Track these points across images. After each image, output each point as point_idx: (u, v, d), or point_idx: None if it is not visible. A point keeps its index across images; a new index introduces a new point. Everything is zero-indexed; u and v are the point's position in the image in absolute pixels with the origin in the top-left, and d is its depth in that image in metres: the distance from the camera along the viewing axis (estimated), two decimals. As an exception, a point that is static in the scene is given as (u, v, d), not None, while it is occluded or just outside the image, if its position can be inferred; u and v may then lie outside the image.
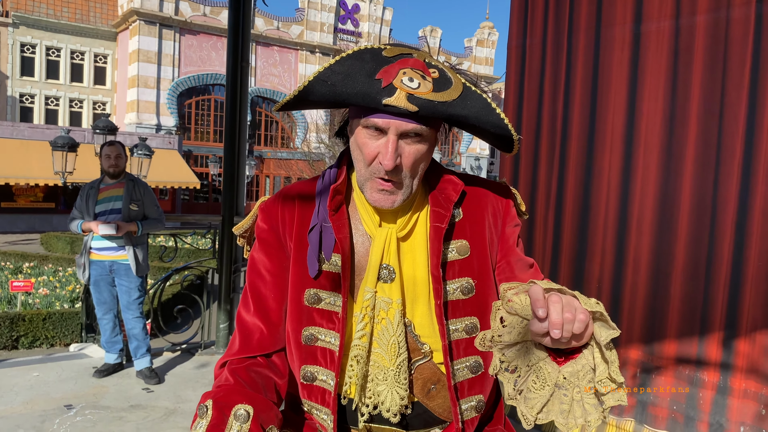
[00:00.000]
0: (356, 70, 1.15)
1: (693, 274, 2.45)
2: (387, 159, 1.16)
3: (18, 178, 23.53)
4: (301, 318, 1.31)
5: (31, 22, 31.61)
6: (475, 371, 1.30)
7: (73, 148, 15.06)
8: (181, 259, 12.22)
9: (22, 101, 32.12)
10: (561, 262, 2.82)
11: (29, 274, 12.35)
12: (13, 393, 4.25)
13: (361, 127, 1.20)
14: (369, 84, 1.13)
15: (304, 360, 1.31)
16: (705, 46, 2.44)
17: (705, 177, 2.43)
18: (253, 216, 1.43)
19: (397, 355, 1.25)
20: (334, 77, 1.15)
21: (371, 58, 1.17)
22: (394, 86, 1.12)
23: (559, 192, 2.84)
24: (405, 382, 1.25)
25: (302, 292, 1.30)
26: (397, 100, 1.11)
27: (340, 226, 1.27)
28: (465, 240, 1.30)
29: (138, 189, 4.77)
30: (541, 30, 2.96)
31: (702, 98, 2.44)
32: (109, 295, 4.77)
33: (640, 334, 2.59)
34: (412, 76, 1.14)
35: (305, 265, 1.30)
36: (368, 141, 1.19)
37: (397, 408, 1.25)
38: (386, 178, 1.20)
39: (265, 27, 34.54)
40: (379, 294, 1.26)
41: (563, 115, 2.85)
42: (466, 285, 1.29)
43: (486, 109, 1.18)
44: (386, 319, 1.26)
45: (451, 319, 1.28)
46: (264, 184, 35.38)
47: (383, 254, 1.26)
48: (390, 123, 1.16)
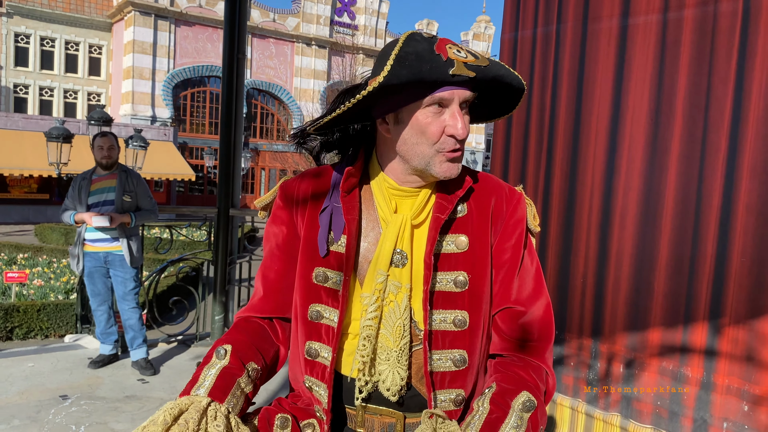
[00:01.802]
0: (420, 49, 1.22)
1: (676, 269, 2.45)
2: (461, 128, 1.25)
3: (12, 169, 23.43)
4: (309, 295, 1.38)
5: (26, 11, 31.39)
6: (458, 365, 1.33)
7: (67, 139, 15.01)
8: (177, 251, 12.24)
9: (16, 92, 31.94)
10: (548, 258, 2.84)
11: (23, 265, 12.34)
12: (8, 383, 4.28)
13: (422, 108, 1.26)
14: (435, 59, 1.21)
15: (309, 336, 1.39)
16: (692, 40, 2.43)
17: (689, 172, 2.42)
18: (274, 192, 1.50)
19: (401, 337, 1.31)
20: (409, 57, 1.20)
21: (422, 39, 1.24)
22: (451, 59, 1.21)
23: (546, 186, 2.84)
24: (406, 364, 1.31)
25: (311, 271, 1.38)
26: (459, 68, 1.20)
27: (349, 207, 1.35)
28: (466, 235, 1.35)
29: (131, 180, 4.77)
30: (531, 23, 2.96)
31: (688, 92, 2.43)
32: (103, 286, 4.79)
33: (624, 330, 2.60)
34: (458, 48, 1.24)
35: (316, 245, 1.37)
36: (431, 120, 1.26)
37: (397, 387, 1.31)
38: (457, 147, 1.28)
39: (261, 19, 34.40)
40: (390, 278, 1.32)
41: (551, 108, 2.85)
42: (461, 278, 1.33)
43: (506, 68, 1.30)
44: (394, 302, 1.32)
45: (441, 309, 1.33)
46: (259, 176, 35.32)
47: (398, 239, 1.32)
48: (455, 93, 1.24)
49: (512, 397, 1.24)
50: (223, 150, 5.51)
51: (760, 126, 2.27)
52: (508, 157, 3.03)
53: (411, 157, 1.31)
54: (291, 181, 1.48)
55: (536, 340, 1.35)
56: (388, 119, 1.32)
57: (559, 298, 2.79)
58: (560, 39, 2.82)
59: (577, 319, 2.76)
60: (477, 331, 1.35)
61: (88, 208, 4.67)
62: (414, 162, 1.31)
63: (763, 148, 2.27)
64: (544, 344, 1.36)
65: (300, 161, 29.07)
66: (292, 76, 36.16)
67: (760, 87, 2.27)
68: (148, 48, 31.26)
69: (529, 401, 1.23)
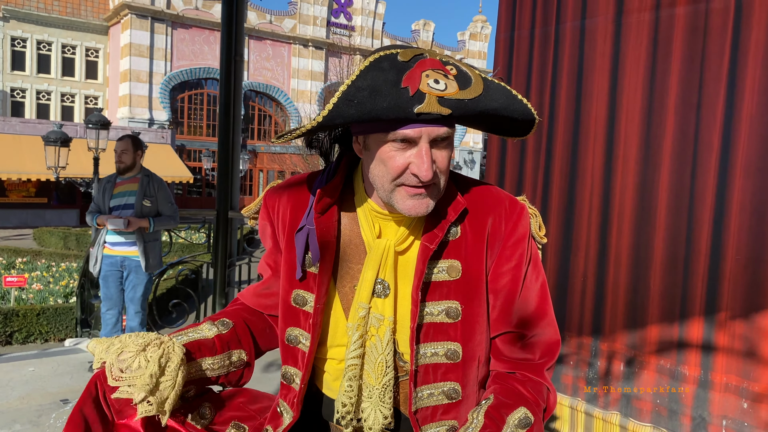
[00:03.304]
0: (380, 82, 1.07)
1: (672, 267, 2.44)
2: (425, 170, 1.10)
3: (10, 173, 23.41)
4: (288, 318, 1.33)
5: (22, 15, 31.36)
6: (452, 397, 1.26)
7: (65, 142, 15.01)
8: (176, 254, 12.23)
9: (13, 96, 31.91)
10: (548, 259, 2.84)
11: (22, 270, 12.34)
12: (8, 388, 4.28)
13: (384, 141, 1.13)
14: (397, 94, 1.06)
15: (286, 360, 1.34)
16: (684, 37, 2.42)
17: (683, 170, 2.41)
18: (258, 202, 1.44)
19: (383, 375, 1.23)
20: (359, 94, 1.06)
21: (390, 65, 1.09)
22: (422, 92, 1.06)
23: (545, 186, 2.84)
24: (389, 402, 1.23)
25: (290, 293, 1.31)
26: (429, 105, 1.05)
27: (324, 231, 1.25)
28: (458, 261, 1.24)
29: (152, 185, 4.80)
30: (529, 22, 2.96)
31: (680, 90, 2.42)
32: (116, 291, 4.83)
33: (623, 329, 2.59)
34: (436, 77, 1.08)
35: (294, 266, 1.30)
36: (395, 154, 1.12)
37: (379, 427, 1.24)
38: (419, 185, 1.14)
39: (258, 21, 34.40)
40: (372, 309, 1.24)
41: (550, 108, 2.84)
42: (453, 308, 1.23)
43: (510, 97, 1.15)
44: (376, 336, 1.23)
45: (432, 341, 1.24)
46: (257, 178, 35.33)
47: (379, 268, 1.23)
48: (422, 131, 1.10)
49: (508, 412, 1.18)
50: (221, 152, 5.50)
51: (753, 124, 2.26)
52: (504, 158, 3.03)
53: (376, 187, 1.19)
54: (273, 191, 1.40)
55: (537, 360, 1.27)
56: (360, 141, 1.21)
57: (559, 298, 2.79)
58: (559, 38, 2.82)
59: (577, 318, 2.76)
60: (471, 362, 1.27)
61: (110, 211, 4.73)
62: (379, 193, 1.20)
63: (756, 145, 2.26)
64: (546, 363, 1.28)
65: (298, 163, 29.07)
66: (290, 78, 36.18)
67: (753, 84, 2.26)
68: (145, 51, 31.25)
69: (525, 418, 1.18)
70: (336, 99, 1.07)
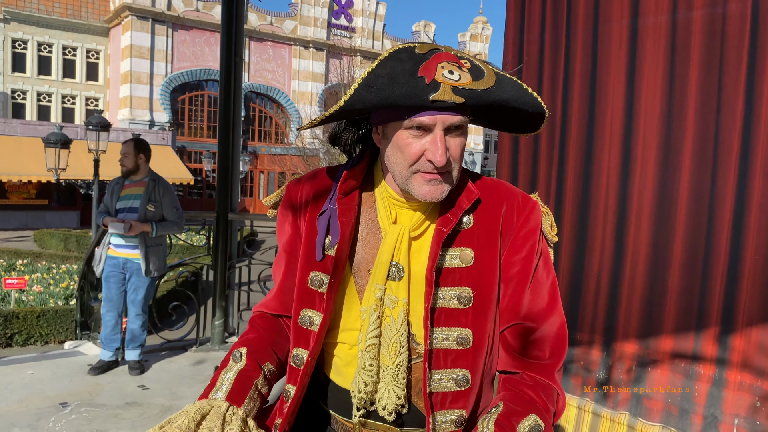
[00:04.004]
0: (398, 71, 1.14)
1: (690, 268, 2.46)
2: (439, 156, 1.16)
3: (10, 175, 23.41)
4: (303, 299, 1.35)
5: (23, 17, 31.38)
6: (461, 385, 1.27)
7: (65, 144, 15.03)
8: (176, 256, 12.21)
9: (14, 97, 31.92)
10: (561, 258, 2.83)
11: (23, 272, 12.31)
12: (7, 391, 4.24)
13: (401, 129, 1.19)
14: (413, 82, 1.13)
15: (297, 342, 1.36)
16: (702, 41, 2.44)
17: (702, 172, 2.43)
18: (281, 192, 1.47)
19: (397, 354, 1.26)
20: (379, 81, 1.14)
21: (408, 57, 1.16)
22: (438, 81, 1.13)
23: (559, 188, 2.85)
24: (403, 382, 1.26)
25: (308, 274, 1.34)
26: (444, 94, 1.12)
27: (345, 210, 1.30)
28: (471, 249, 1.28)
29: (158, 190, 4.78)
30: (538, 26, 2.96)
31: (699, 94, 2.44)
32: (116, 292, 4.81)
33: (637, 328, 2.60)
34: (451, 68, 1.15)
35: (314, 248, 1.34)
36: (412, 141, 1.19)
37: (393, 407, 1.26)
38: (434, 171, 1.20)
39: (258, 22, 34.43)
40: (387, 291, 1.28)
41: (562, 111, 2.85)
42: (465, 294, 1.27)
43: (521, 90, 1.20)
44: (390, 317, 1.27)
45: (443, 326, 1.27)
46: (258, 179, 35.32)
47: (394, 252, 1.27)
48: (436, 119, 1.16)
49: (519, 420, 1.19)
50: (221, 154, 5.49)
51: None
52: (517, 160, 3.02)
53: (394, 174, 1.26)
54: (296, 182, 1.45)
55: (547, 359, 1.28)
56: (379, 130, 1.27)
57: (571, 298, 2.79)
58: (570, 43, 2.82)
59: (589, 318, 2.75)
60: (481, 349, 1.29)
61: (116, 213, 4.73)
62: (396, 180, 1.26)
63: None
64: (555, 363, 1.29)
65: (299, 164, 29.08)
66: (290, 79, 36.21)
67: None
68: (146, 52, 31.28)
69: (536, 425, 1.18)
70: (356, 85, 1.14)
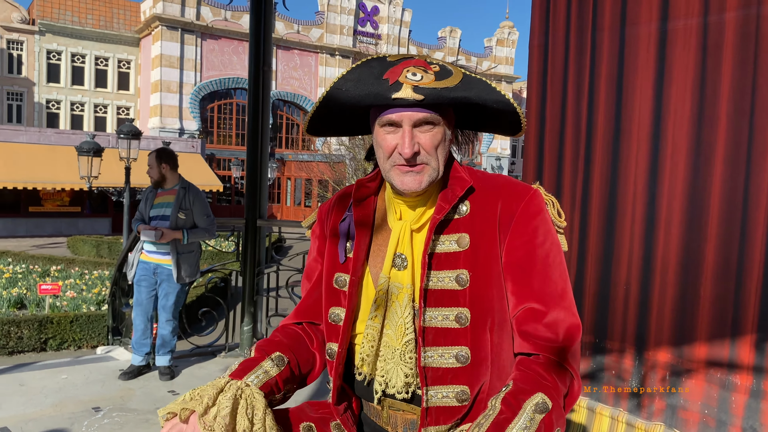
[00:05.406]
0: (366, 75, 1.29)
1: (724, 275, 2.40)
2: (404, 147, 1.29)
3: (45, 183, 23.94)
4: (331, 299, 1.47)
5: (57, 29, 32.15)
6: (462, 361, 1.34)
7: (98, 152, 15.31)
8: (205, 262, 12.34)
9: (48, 107, 32.69)
10: (587, 265, 2.79)
11: (56, 277, 12.55)
12: (42, 395, 4.32)
13: (378, 127, 1.34)
14: (378, 84, 1.27)
15: (330, 337, 1.47)
16: (734, 43, 2.38)
17: (735, 177, 2.37)
18: (315, 216, 1.62)
19: (403, 335, 1.36)
20: (347, 84, 1.30)
21: (378, 64, 1.32)
22: (400, 82, 1.26)
23: (585, 194, 2.81)
24: (410, 362, 1.35)
25: (332, 276, 1.47)
26: (404, 92, 1.25)
27: (360, 215, 1.44)
28: (467, 233, 1.36)
29: (188, 197, 4.85)
30: (563, 28, 2.93)
31: (732, 97, 2.38)
32: (146, 297, 4.89)
33: (669, 337, 2.54)
34: (415, 71, 1.28)
35: (337, 252, 1.47)
36: (386, 137, 1.33)
37: (401, 384, 1.35)
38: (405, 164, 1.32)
39: (285, 31, 34.76)
40: (392, 280, 1.39)
41: (588, 115, 2.81)
42: (462, 276, 1.35)
43: (487, 89, 1.30)
44: (396, 303, 1.38)
45: (442, 306, 1.35)
46: (285, 186, 35.57)
47: (398, 244, 1.40)
48: (402, 115, 1.29)
49: (526, 398, 1.23)
50: (250, 161, 5.53)
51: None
52: (542, 166, 2.99)
53: (382, 171, 1.39)
54: (324, 204, 1.61)
55: (561, 342, 1.31)
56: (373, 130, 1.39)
57: (600, 306, 2.75)
58: (596, 45, 2.78)
59: (619, 327, 2.70)
60: (481, 328, 1.35)
61: (150, 221, 4.83)
62: (384, 176, 1.39)
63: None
64: (568, 345, 1.32)
65: (325, 170, 29.18)
66: (317, 87, 36.45)
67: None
68: (176, 62, 31.76)
69: (543, 403, 1.22)
70: (329, 87, 1.32)
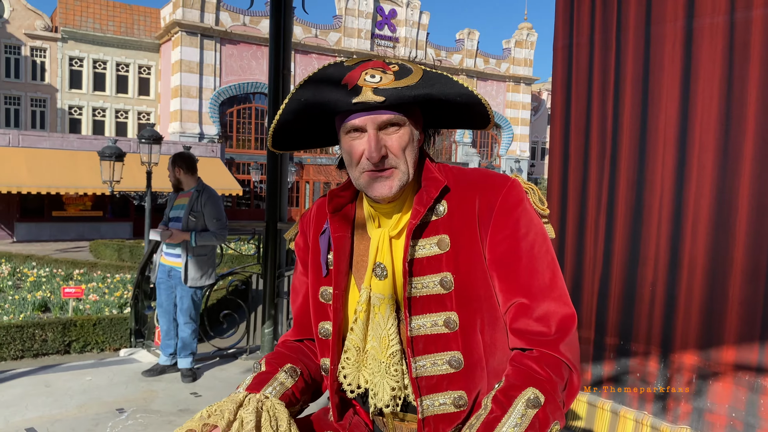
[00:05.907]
0: (324, 83, 1.26)
1: (752, 276, 2.36)
2: (371, 151, 1.24)
3: (68, 188, 24.25)
4: (319, 314, 1.42)
5: (79, 36, 32.61)
6: (455, 366, 1.29)
7: (119, 157, 15.47)
8: (226, 265, 12.41)
9: (71, 113, 33.16)
10: (613, 266, 2.76)
11: (79, 281, 12.71)
12: (67, 397, 4.37)
13: (344, 134, 1.29)
14: (337, 90, 1.23)
15: (322, 353, 1.43)
16: (762, 40, 2.35)
17: (764, 176, 2.34)
18: (296, 227, 1.56)
19: (388, 347, 1.31)
20: (306, 94, 1.26)
21: (335, 70, 1.27)
22: (359, 85, 1.22)
23: (611, 194, 2.79)
24: (396, 374, 1.31)
25: (318, 290, 1.42)
26: (364, 95, 1.21)
27: (338, 227, 1.39)
28: (446, 234, 1.31)
29: (200, 200, 4.88)
30: (588, 29, 2.91)
31: (760, 95, 2.35)
32: (166, 298, 4.96)
33: (696, 339, 2.51)
34: (374, 73, 1.24)
35: (320, 266, 1.42)
36: (353, 143, 1.28)
37: (388, 398, 1.31)
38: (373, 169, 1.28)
39: (303, 35, 34.90)
40: (373, 291, 1.33)
41: (613, 115, 2.79)
42: (447, 279, 1.30)
43: (448, 83, 1.26)
44: (379, 314, 1.33)
45: (429, 312, 1.31)
46: (304, 189, 35.69)
47: (377, 253, 1.34)
48: (366, 119, 1.25)
49: (516, 393, 1.19)
50: (270, 165, 5.55)
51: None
52: (567, 168, 2.97)
53: (353, 179, 1.35)
54: (305, 213, 1.55)
55: (554, 334, 1.26)
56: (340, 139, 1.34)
57: (625, 308, 2.71)
58: (621, 45, 2.76)
59: (644, 329, 2.67)
60: (471, 330, 1.30)
61: (169, 222, 4.93)
62: (355, 184, 1.35)
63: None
64: (562, 337, 1.27)
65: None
66: (335, 90, 36.48)
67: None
68: (195, 67, 32.04)
69: (535, 398, 1.18)
70: (287, 99, 1.28)
